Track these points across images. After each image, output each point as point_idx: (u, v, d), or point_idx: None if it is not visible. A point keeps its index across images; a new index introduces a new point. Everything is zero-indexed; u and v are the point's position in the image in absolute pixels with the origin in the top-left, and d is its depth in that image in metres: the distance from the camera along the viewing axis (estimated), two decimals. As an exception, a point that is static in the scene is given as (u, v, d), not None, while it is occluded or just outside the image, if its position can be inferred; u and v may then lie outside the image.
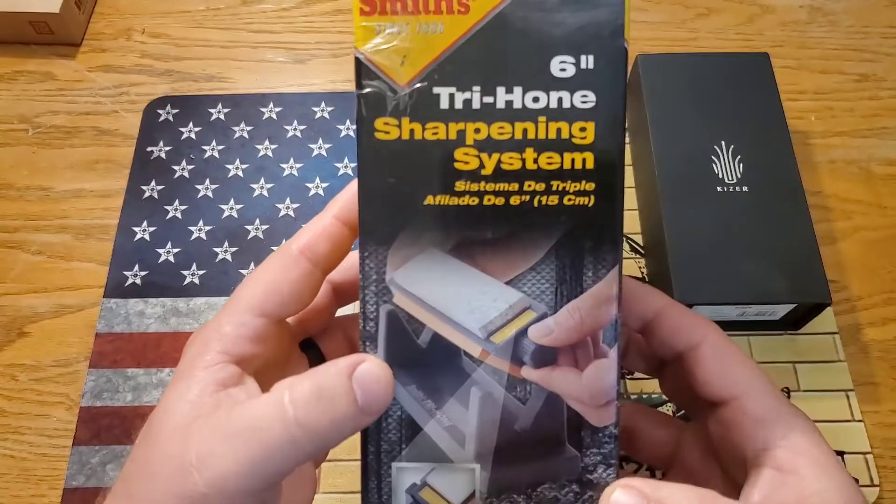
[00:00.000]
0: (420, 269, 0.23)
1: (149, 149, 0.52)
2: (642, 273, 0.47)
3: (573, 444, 0.23)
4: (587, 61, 0.22)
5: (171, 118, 0.53)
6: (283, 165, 0.51)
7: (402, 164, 0.23)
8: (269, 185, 0.50)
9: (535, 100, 0.22)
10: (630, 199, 0.49)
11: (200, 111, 0.53)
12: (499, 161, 0.23)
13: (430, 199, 0.23)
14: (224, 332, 0.24)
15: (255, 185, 0.50)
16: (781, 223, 0.42)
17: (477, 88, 0.23)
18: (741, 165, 0.44)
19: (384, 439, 0.24)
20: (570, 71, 0.22)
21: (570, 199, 0.23)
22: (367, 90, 0.23)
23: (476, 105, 0.23)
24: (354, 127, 0.23)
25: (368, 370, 0.22)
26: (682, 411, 0.42)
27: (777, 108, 0.46)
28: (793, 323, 0.43)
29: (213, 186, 0.50)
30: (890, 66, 0.55)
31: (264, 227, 0.49)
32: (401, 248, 0.23)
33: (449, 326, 0.23)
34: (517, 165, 0.23)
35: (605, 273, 0.23)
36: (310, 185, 0.50)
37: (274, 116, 0.53)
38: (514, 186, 0.23)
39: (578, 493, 0.23)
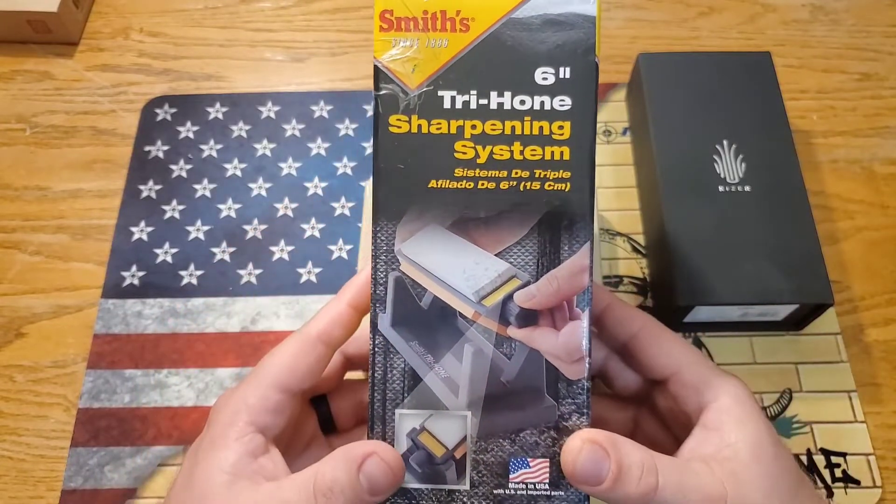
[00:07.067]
0: (423, 242, 0.27)
1: (146, 148, 0.51)
2: (643, 273, 0.46)
3: (551, 395, 0.27)
4: (565, 72, 0.27)
5: (168, 117, 0.53)
6: (282, 165, 0.51)
7: (411, 153, 0.27)
8: (267, 185, 0.50)
9: (522, 102, 0.27)
10: (631, 198, 0.49)
11: (198, 110, 0.53)
12: (491, 152, 0.27)
13: (433, 183, 0.27)
14: (250, 403, 0.28)
15: (253, 185, 0.50)
16: (783, 223, 0.42)
17: (474, 92, 0.27)
18: (743, 165, 0.43)
19: (389, 388, 0.27)
20: (551, 80, 0.27)
21: (550, 185, 0.27)
22: (384, 92, 0.27)
23: (473, 106, 0.27)
24: (353, 127, 0.27)
25: (376, 464, 0.26)
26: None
27: (779, 108, 0.45)
28: (795, 323, 0.43)
29: (212, 186, 0.50)
30: (892, 65, 0.54)
31: (263, 226, 0.48)
32: (408, 224, 0.27)
33: (447, 291, 0.27)
34: (506, 156, 0.27)
35: (578, 247, 0.27)
36: (308, 184, 0.50)
37: (272, 115, 0.53)
38: (504, 174, 0.27)
39: (556, 438, 0.27)
